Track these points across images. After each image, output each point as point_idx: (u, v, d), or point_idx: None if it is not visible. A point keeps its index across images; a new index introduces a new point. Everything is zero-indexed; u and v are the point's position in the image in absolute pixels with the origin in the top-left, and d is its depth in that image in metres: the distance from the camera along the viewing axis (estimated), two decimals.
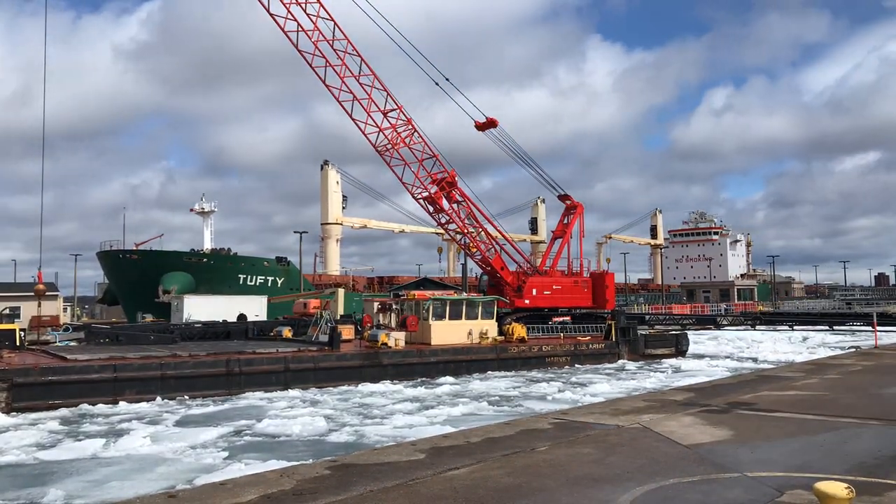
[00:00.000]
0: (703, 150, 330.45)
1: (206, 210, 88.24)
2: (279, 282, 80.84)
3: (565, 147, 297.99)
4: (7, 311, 57.57)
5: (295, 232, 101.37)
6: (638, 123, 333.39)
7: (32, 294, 45.31)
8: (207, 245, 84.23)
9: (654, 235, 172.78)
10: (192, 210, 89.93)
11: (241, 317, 49.51)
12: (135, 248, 77.89)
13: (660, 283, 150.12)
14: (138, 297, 72.16)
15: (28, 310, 59.37)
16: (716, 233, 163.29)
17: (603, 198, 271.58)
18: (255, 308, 52.78)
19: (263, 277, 79.48)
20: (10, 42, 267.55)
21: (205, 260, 77.09)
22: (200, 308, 49.86)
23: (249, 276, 78.30)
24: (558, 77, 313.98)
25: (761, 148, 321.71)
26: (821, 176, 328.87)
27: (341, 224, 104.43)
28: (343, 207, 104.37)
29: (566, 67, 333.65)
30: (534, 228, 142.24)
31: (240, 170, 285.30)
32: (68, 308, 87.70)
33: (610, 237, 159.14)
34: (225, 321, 45.65)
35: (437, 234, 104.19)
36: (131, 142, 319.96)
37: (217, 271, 76.25)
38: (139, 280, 71.39)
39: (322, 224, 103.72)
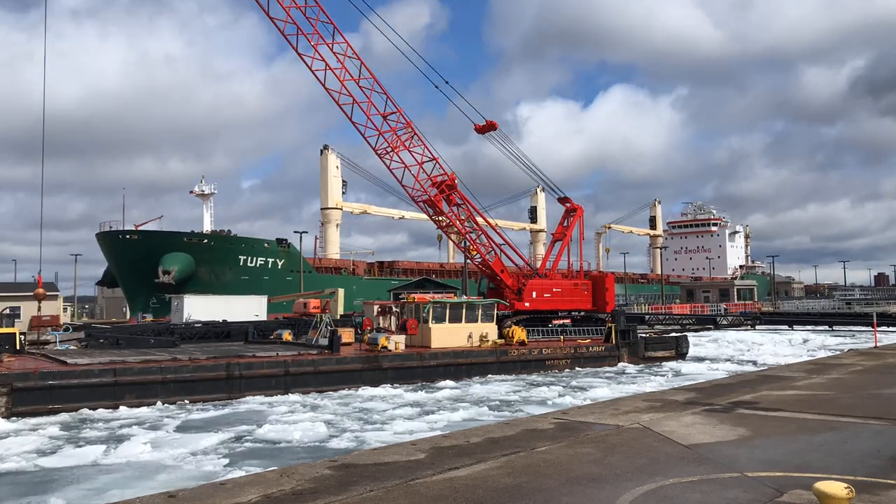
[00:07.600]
0: None
1: (205, 192, 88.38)
2: (279, 263, 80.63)
3: None
4: (7, 311, 57.48)
5: (295, 232, 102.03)
6: None
7: (32, 295, 45.40)
8: (207, 227, 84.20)
9: (652, 226, 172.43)
10: (191, 192, 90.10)
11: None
12: (134, 228, 77.69)
13: (659, 273, 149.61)
14: (138, 278, 71.99)
15: (28, 309, 59.41)
16: (714, 224, 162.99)
17: None
18: (254, 308, 52.65)
19: (264, 259, 79.33)
20: None
21: (205, 241, 76.93)
22: (200, 308, 49.81)
23: (249, 258, 78.21)
24: None
25: None
26: None
27: (341, 209, 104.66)
28: (343, 192, 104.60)
29: None
30: (533, 217, 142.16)
31: None
32: (68, 308, 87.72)
33: (609, 227, 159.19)
34: (225, 321, 45.60)
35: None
36: None
37: (217, 252, 76.12)
38: (139, 261, 71.20)
39: (322, 209, 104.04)
